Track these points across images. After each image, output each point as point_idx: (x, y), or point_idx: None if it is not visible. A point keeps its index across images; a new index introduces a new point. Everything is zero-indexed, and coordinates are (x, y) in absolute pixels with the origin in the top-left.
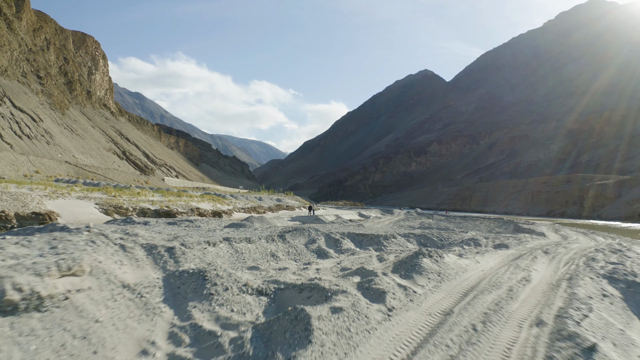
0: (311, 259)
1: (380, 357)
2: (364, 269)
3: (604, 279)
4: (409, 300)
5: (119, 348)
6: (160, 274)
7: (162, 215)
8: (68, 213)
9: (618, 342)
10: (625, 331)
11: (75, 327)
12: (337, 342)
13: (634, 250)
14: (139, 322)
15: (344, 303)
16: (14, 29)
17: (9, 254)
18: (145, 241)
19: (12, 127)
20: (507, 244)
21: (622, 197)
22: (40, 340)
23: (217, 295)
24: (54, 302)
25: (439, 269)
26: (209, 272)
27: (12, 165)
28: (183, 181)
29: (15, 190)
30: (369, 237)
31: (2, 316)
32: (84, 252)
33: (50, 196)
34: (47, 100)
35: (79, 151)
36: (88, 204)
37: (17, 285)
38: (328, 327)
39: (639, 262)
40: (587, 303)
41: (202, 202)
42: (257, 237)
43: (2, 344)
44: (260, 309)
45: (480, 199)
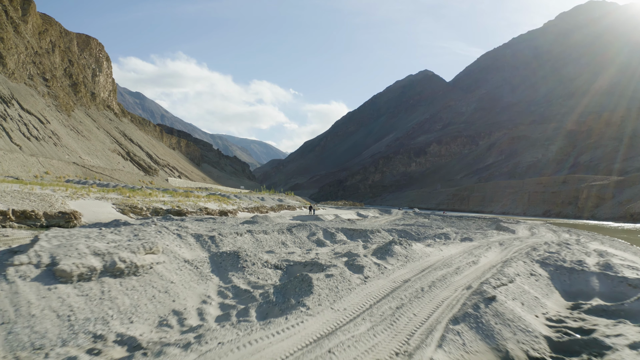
0: (312, 246)
1: (356, 304)
2: (351, 252)
3: (537, 263)
4: (380, 272)
5: (188, 299)
6: (207, 254)
7: (174, 214)
8: (89, 212)
9: (526, 302)
10: (540, 298)
11: (159, 285)
12: (329, 294)
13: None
14: (198, 284)
15: (334, 272)
16: (20, 32)
17: (109, 239)
18: (193, 231)
19: (21, 129)
20: (472, 237)
21: (616, 198)
22: (139, 293)
23: (247, 268)
24: (145, 269)
25: (407, 254)
26: (241, 252)
27: (23, 167)
28: (186, 181)
29: (40, 191)
30: (358, 232)
31: (114, 278)
32: (156, 238)
33: (72, 197)
34: (53, 102)
35: (85, 152)
36: (106, 204)
37: (122, 259)
38: (323, 285)
39: (574, 253)
40: (510, 277)
41: (208, 202)
42: (271, 230)
43: (117, 294)
44: (277, 277)
45: (478, 200)
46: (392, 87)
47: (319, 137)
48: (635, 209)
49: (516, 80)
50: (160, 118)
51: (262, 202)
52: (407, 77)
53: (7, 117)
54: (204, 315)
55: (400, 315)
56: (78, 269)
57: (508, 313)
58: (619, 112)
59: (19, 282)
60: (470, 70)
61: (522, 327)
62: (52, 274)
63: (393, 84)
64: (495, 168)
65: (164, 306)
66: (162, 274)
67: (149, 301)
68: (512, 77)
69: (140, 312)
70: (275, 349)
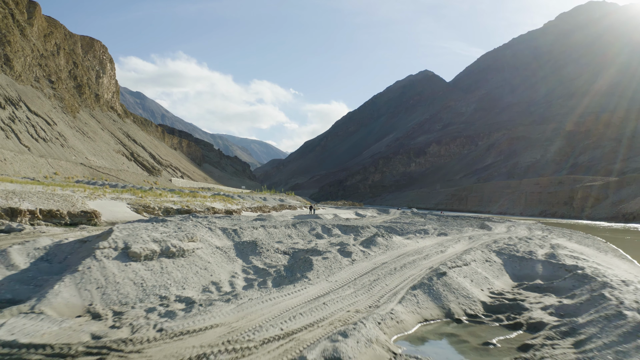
0: (312, 238)
1: (345, 277)
2: (343, 243)
3: (494, 253)
4: (364, 257)
5: (221, 274)
6: (232, 242)
7: (184, 213)
8: (107, 212)
9: (475, 280)
10: (489, 278)
11: (199, 264)
12: (324, 270)
13: (544, 239)
14: (227, 264)
15: (329, 256)
16: (27, 35)
17: (162, 231)
18: (220, 226)
19: (29, 130)
20: (448, 233)
21: (609, 198)
22: (186, 269)
23: (263, 253)
24: (189, 253)
25: (387, 244)
26: (258, 242)
27: (34, 167)
28: (189, 182)
29: (61, 192)
30: (351, 227)
31: (168, 258)
32: (194, 230)
33: (90, 197)
34: (59, 104)
35: (91, 153)
36: (121, 204)
37: (173, 245)
38: (320, 264)
39: (529, 245)
40: (466, 261)
41: (214, 202)
42: (279, 225)
43: (172, 270)
44: (285, 260)
45: (476, 200)
46: (392, 87)
47: (319, 137)
48: (627, 209)
49: (516, 81)
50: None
51: (265, 202)
52: (407, 77)
53: (15, 119)
54: (234, 284)
55: (376, 285)
56: (144, 251)
57: (455, 285)
58: (618, 113)
59: (104, 260)
60: (470, 71)
61: (464, 294)
62: (126, 255)
63: (393, 84)
64: (494, 168)
65: (204, 279)
66: (201, 256)
67: (194, 275)
68: (512, 78)
69: (189, 282)
70: (287, 303)
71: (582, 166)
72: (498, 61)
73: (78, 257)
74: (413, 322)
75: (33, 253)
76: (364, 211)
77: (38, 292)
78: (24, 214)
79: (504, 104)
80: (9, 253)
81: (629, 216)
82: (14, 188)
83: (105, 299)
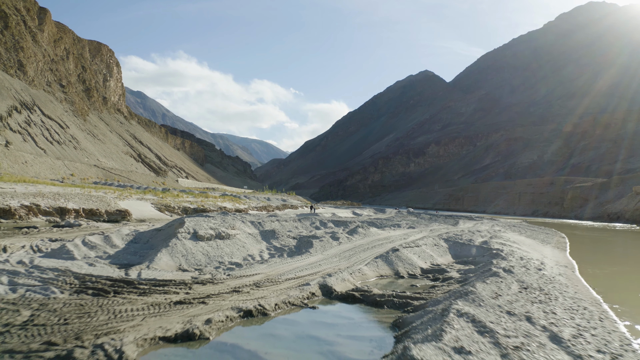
0: (312, 229)
1: (333, 252)
2: (334, 232)
3: (442, 240)
4: (348, 240)
5: (253, 250)
6: (258, 231)
7: (200, 212)
8: (135, 210)
9: (421, 256)
10: (434, 256)
11: (239, 244)
12: (320, 248)
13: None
14: (256, 244)
15: (324, 239)
16: (38, 41)
17: (213, 222)
18: (248, 220)
19: (44, 133)
20: (416, 227)
21: (598, 199)
22: (232, 247)
23: (279, 238)
24: (232, 237)
25: (365, 233)
26: (275, 230)
27: (52, 169)
28: (194, 182)
29: (95, 193)
30: (342, 222)
31: (220, 240)
32: (234, 221)
33: (119, 198)
34: (70, 108)
35: (102, 155)
36: (146, 204)
37: (223, 231)
38: (318, 244)
39: (473, 235)
40: (418, 244)
41: (224, 202)
42: (288, 220)
43: (223, 247)
44: (294, 242)
45: (472, 200)
46: (392, 87)
47: (320, 137)
48: (611, 210)
49: (516, 81)
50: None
51: (268, 202)
52: (407, 77)
53: (31, 122)
54: (262, 256)
55: (352, 256)
56: (206, 234)
57: (404, 257)
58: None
59: (183, 240)
60: (470, 71)
61: (410, 263)
62: (195, 236)
63: (393, 84)
64: (492, 169)
65: (243, 252)
66: (239, 239)
67: (237, 250)
68: (512, 78)
69: (234, 254)
70: (296, 264)
71: (577, 167)
72: (498, 61)
73: (159, 239)
74: (372, 275)
75: (125, 237)
76: (361, 210)
77: (145, 259)
78: (71, 212)
79: (504, 104)
80: (110, 237)
81: (612, 216)
82: (57, 190)
83: (187, 262)
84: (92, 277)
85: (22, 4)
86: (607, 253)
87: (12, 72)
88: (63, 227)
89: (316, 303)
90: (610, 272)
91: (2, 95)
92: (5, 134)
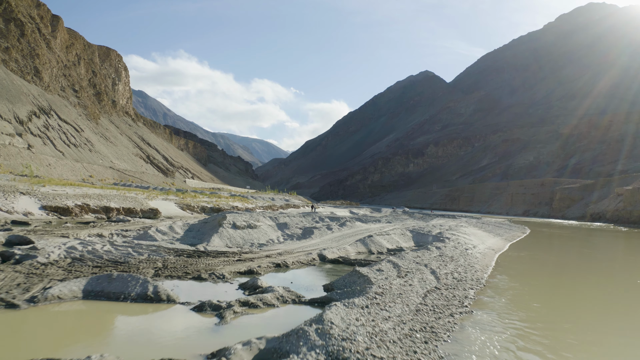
0: (313, 223)
1: (328, 238)
2: (329, 224)
3: (408, 231)
4: (339, 230)
5: (272, 236)
6: (274, 223)
7: (216, 211)
8: (163, 209)
9: (390, 241)
10: (400, 242)
11: (263, 232)
12: (319, 235)
13: (451, 227)
14: (274, 232)
15: (321, 229)
16: (52, 47)
17: (244, 217)
18: (268, 215)
19: (61, 137)
20: (392, 222)
21: (584, 200)
22: (258, 233)
23: (289, 228)
24: (258, 227)
25: (351, 225)
26: (287, 223)
27: (72, 171)
28: (200, 182)
29: (129, 194)
30: (336, 218)
31: (250, 229)
32: (258, 216)
33: (148, 198)
34: (84, 112)
35: (115, 157)
36: (170, 203)
37: (252, 222)
38: (317, 232)
39: (432, 227)
40: (388, 233)
41: (235, 202)
42: (295, 216)
43: (252, 233)
44: (300, 231)
45: (467, 200)
46: (393, 87)
47: (320, 137)
48: (594, 210)
49: (516, 82)
50: (162, 117)
51: (273, 202)
52: (407, 77)
53: (49, 127)
54: (279, 240)
55: (340, 240)
56: (241, 225)
57: (376, 241)
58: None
59: (227, 228)
60: (470, 71)
61: (380, 245)
62: (234, 226)
63: (394, 84)
64: (489, 170)
65: (266, 237)
66: (263, 228)
67: (262, 235)
68: (511, 79)
69: (260, 238)
70: (303, 244)
71: (573, 168)
72: (498, 62)
73: (207, 228)
74: (353, 251)
75: (182, 227)
76: (358, 210)
77: (202, 240)
78: (113, 210)
79: (503, 105)
80: (173, 227)
81: (595, 216)
82: (98, 192)
83: (231, 242)
84: (177, 249)
85: (36, 12)
86: (545, 245)
87: (29, 78)
88: (116, 222)
89: (315, 263)
90: (525, 255)
91: (22, 101)
92: (27, 137)
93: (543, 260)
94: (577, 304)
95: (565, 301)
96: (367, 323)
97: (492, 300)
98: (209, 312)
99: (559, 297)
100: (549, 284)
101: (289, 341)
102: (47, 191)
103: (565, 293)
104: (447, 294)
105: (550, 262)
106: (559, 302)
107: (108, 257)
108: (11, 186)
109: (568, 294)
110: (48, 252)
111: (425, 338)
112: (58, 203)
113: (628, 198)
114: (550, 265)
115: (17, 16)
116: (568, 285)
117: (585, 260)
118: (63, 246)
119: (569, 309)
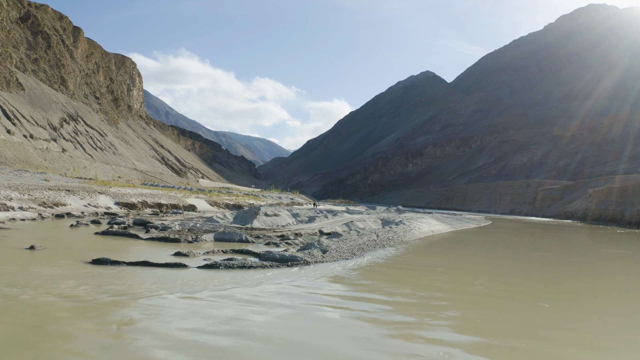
0: (315, 213)
1: (326, 222)
2: (326, 214)
3: (379, 219)
4: (332, 218)
5: (289, 221)
6: (290, 213)
7: (237, 207)
8: (198, 205)
9: (366, 227)
10: (373, 226)
11: (283, 218)
12: (319, 220)
13: (412, 217)
14: (290, 219)
15: (321, 217)
16: (75, 57)
17: (270, 209)
18: (284, 208)
19: (89, 141)
20: (371, 213)
21: (562, 200)
22: (281, 219)
23: (300, 217)
24: (280, 216)
25: (342, 215)
26: (298, 213)
27: (103, 172)
28: (210, 182)
29: (170, 193)
30: (333, 212)
31: (274, 217)
32: (279, 209)
33: (185, 196)
34: (105, 117)
35: (135, 159)
36: (201, 200)
37: (275, 212)
38: (318, 219)
39: (396, 217)
40: (365, 220)
41: (250, 199)
42: (303, 210)
43: (275, 219)
44: (307, 218)
45: (460, 199)
46: (394, 87)
47: (322, 136)
48: (569, 209)
49: (516, 83)
50: (165, 115)
51: (280, 200)
52: (409, 77)
53: (78, 132)
54: (294, 223)
55: (333, 224)
56: (271, 213)
57: (356, 224)
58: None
59: (262, 215)
60: (470, 72)
61: (357, 226)
62: (266, 214)
63: (395, 84)
64: (484, 170)
65: (286, 221)
66: (283, 216)
67: (283, 220)
68: (511, 80)
69: (282, 222)
70: (310, 225)
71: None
72: (498, 63)
73: (248, 215)
74: (340, 230)
75: (230, 215)
76: (354, 207)
77: (246, 223)
78: (163, 206)
79: (503, 106)
80: (226, 215)
81: (569, 214)
82: (149, 192)
83: (265, 224)
84: (236, 226)
85: (59, 24)
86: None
87: (56, 87)
88: (173, 213)
89: (316, 235)
90: (452, 235)
91: (53, 108)
92: (61, 142)
93: (460, 239)
94: (433, 263)
95: (434, 261)
96: (336, 244)
97: (401, 246)
98: (271, 244)
99: (438, 254)
100: (439, 246)
101: (310, 245)
102: (114, 191)
103: (440, 257)
104: (378, 242)
105: (462, 240)
106: (435, 257)
107: (204, 228)
108: (89, 187)
109: (440, 258)
110: (171, 225)
111: (360, 250)
112: (126, 200)
113: (596, 198)
114: (458, 242)
115: (44, 29)
116: (450, 255)
117: (489, 248)
118: (176, 222)
119: (431, 263)
